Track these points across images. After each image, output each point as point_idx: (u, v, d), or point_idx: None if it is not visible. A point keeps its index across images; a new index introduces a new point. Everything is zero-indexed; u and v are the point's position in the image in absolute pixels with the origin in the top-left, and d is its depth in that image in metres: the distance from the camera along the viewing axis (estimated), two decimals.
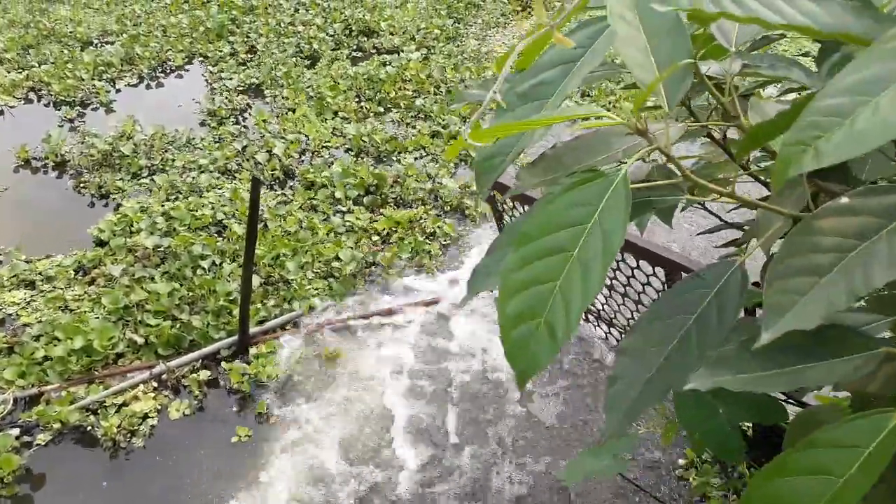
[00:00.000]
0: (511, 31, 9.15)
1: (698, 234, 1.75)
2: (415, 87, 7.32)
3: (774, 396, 2.12)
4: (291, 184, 5.73)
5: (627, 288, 3.51)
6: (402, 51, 8.31)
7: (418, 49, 8.37)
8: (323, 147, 6.20)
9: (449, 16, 9.45)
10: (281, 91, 7.26)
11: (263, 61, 7.94)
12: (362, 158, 6.08)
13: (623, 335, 3.89)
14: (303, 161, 6.01)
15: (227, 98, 7.08)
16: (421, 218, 5.20)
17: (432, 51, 8.45)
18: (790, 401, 2.22)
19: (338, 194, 5.39)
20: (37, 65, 7.86)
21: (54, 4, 9.89)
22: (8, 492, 3.30)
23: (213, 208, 5.11)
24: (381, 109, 6.99)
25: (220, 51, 8.26)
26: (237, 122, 6.70)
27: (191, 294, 4.31)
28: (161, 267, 4.55)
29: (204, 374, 3.91)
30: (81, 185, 5.66)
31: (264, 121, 6.48)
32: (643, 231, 1.81)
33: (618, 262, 3.40)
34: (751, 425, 2.44)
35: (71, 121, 6.81)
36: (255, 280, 4.44)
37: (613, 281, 3.58)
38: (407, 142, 6.26)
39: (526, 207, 3.89)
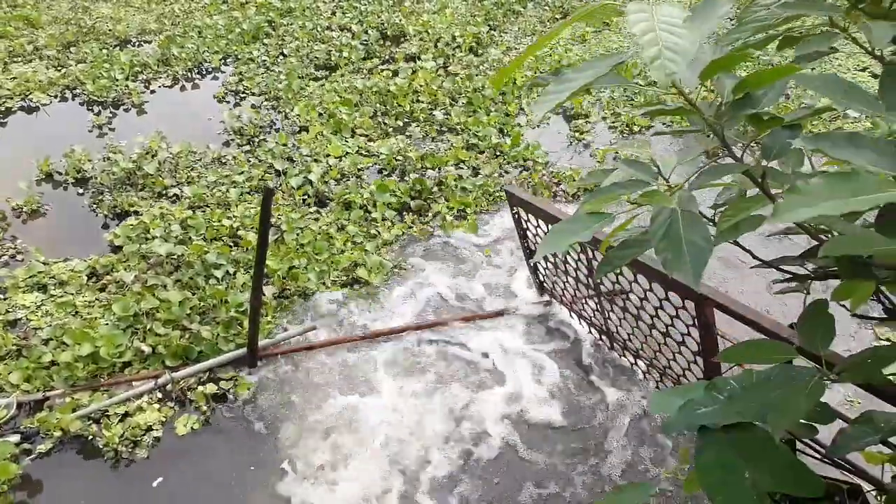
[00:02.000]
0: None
1: (751, 267, 1.62)
2: (429, 98, 7.09)
3: (808, 466, 1.92)
4: (328, 204, 5.45)
5: (655, 319, 3.32)
6: (420, 58, 8.12)
7: (435, 59, 8.16)
8: (358, 169, 5.85)
9: (485, 22, 9.28)
10: (291, 108, 6.94)
11: (273, 72, 7.80)
12: (397, 176, 5.84)
13: (649, 367, 3.68)
14: (338, 182, 5.67)
15: (250, 116, 6.73)
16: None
17: (450, 60, 8.24)
18: (827, 461, 2.01)
19: (374, 214, 5.22)
20: (74, 63, 7.94)
21: (97, 2, 10.01)
22: (3, 500, 3.22)
23: (230, 218, 5.02)
24: (400, 124, 6.74)
25: (251, 55, 8.22)
26: (260, 143, 6.34)
27: (202, 304, 4.22)
28: (174, 275, 4.46)
29: (211, 388, 3.80)
30: (97, 203, 5.42)
31: (284, 145, 6.14)
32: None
33: (645, 291, 3.20)
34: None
35: (100, 127, 6.73)
36: (269, 291, 4.34)
37: (641, 311, 3.38)
38: (444, 156, 6.01)
39: (539, 220, 3.75)
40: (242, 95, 7.36)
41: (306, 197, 5.43)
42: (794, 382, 1.50)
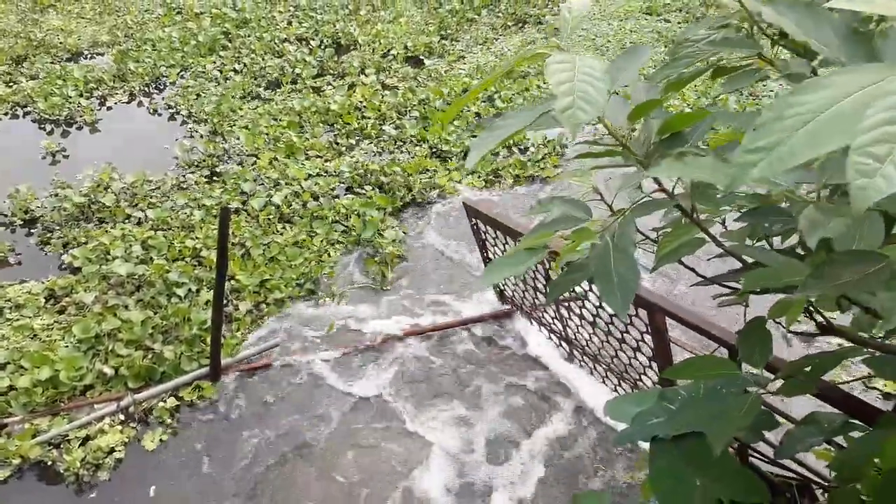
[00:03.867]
0: (497, 47, 9.01)
1: (691, 286, 1.70)
2: (375, 114, 6.98)
3: (757, 475, 2.02)
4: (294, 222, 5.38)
5: (611, 326, 3.43)
6: (365, 73, 8.06)
7: (377, 73, 8.09)
8: (331, 189, 5.74)
9: (438, 31, 9.36)
10: (237, 137, 6.62)
11: (223, 87, 7.61)
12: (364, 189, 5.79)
13: (607, 372, 3.80)
14: (304, 205, 5.52)
15: (202, 148, 6.39)
16: None
17: (387, 73, 8.17)
18: (779, 465, 2.13)
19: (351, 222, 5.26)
20: (25, 79, 7.79)
21: (47, 14, 9.84)
22: None
23: (194, 239, 4.98)
24: (353, 142, 6.58)
25: (203, 69, 8.13)
26: (217, 172, 6.09)
27: (164, 322, 4.20)
28: (135, 295, 4.44)
29: (172, 402, 3.80)
30: (46, 242, 5.11)
31: (240, 176, 5.83)
32: None
33: (600, 298, 3.31)
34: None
35: (53, 154, 6.47)
36: (243, 307, 4.37)
37: (597, 318, 3.49)
38: (407, 165, 6.00)
39: (508, 238, 3.82)
40: (185, 120, 7.17)
41: (269, 217, 5.37)
42: (735, 397, 1.60)
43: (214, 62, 8.26)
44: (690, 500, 1.67)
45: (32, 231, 5.28)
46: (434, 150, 6.39)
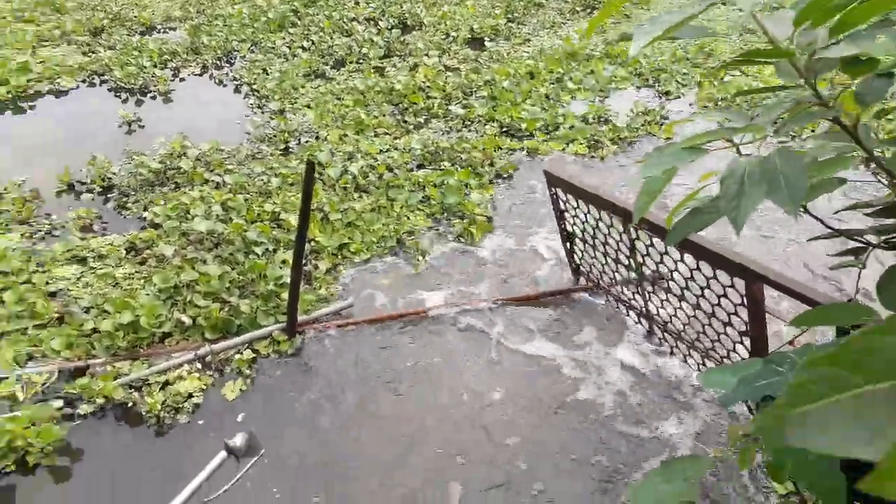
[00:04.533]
0: (563, 32, 8.91)
1: (809, 240, 1.62)
2: (441, 95, 6.97)
3: None
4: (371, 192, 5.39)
5: (700, 300, 3.34)
6: (428, 54, 8.07)
7: (440, 55, 8.07)
8: (405, 163, 5.74)
9: (505, 14, 9.31)
10: (301, 111, 6.71)
11: (291, 64, 7.70)
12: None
13: (690, 349, 3.69)
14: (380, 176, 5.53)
15: (272, 124, 6.47)
16: None
17: (448, 55, 8.16)
18: None
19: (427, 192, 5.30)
20: (103, 49, 8.00)
21: None
22: (48, 462, 3.26)
23: (272, 204, 5.04)
24: (420, 121, 6.59)
25: (273, 44, 8.23)
26: (288, 148, 6.16)
27: (241, 278, 4.26)
28: (213, 251, 4.51)
29: (248, 354, 3.86)
30: (122, 207, 5.26)
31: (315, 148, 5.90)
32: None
33: (691, 270, 3.23)
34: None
35: (129, 123, 6.62)
36: (323, 266, 4.43)
37: (685, 291, 3.40)
38: (483, 141, 6.00)
39: (579, 201, 3.76)
40: (248, 94, 7.28)
41: (346, 186, 5.39)
42: None
43: (283, 38, 8.37)
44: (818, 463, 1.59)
45: (110, 196, 5.41)
46: (505, 128, 6.36)
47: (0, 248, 4.43)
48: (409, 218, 4.98)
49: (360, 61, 7.93)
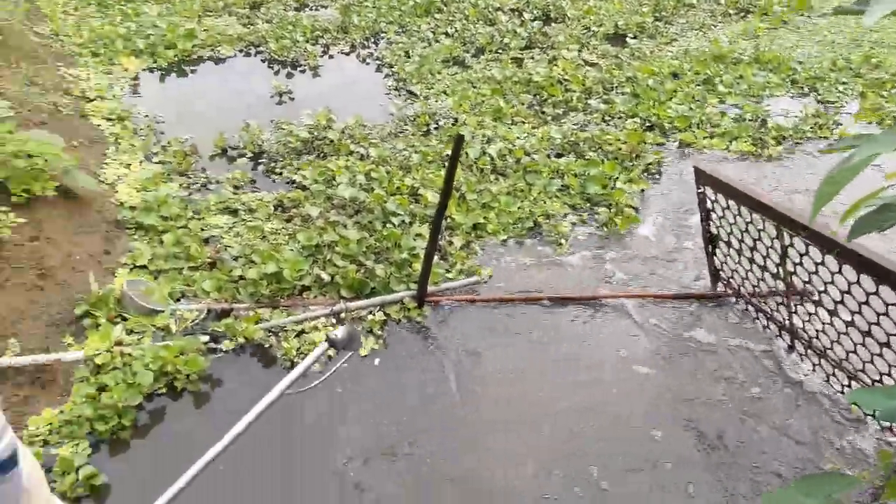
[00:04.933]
0: (713, 35, 8.55)
1: None
2: (581, 88, 6.89)
3: None
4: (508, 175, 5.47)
5: (856, 316, 3.14)
6: (568, 47, 7.96)
7: (580, 50, 7.98)
8: (545, 148, 5.79)
9: (653, 12, 9.08)
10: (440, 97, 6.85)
11: (432, 49, 7.83)
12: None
13: (835, 369, 3.47)
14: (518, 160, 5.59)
15: (414, 106, 6.63)
16: None
17: (587, 49, 8.05)
18: None
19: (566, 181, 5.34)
20: (261, 21, 8.49)
21: None
22: (193, 387, 3.53)
23: (412, 179, 5.20)
24: (559, 112, 6.56)
25: (418, 28, 8.42)
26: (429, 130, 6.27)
27: (378, 245, 4.44)
28: (354, 218, 4.70)
29: (380, 316, 4.04)
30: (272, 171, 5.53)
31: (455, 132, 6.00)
32: None
33: (850, 284, 3.05)
34: None
35: (280, 95, 6.89)
36: (457, 242, 4.58)
37: (838, 305, 3.21)
38: (627, 134, 5.96)
39: (729, 201, 3.62)
40: (388, 74, 7.46)
41: (484, 168, 5.47)
42: None
43: (429, 23, 8.56)
44: None
45: (260, 161, 5.70)
46: (650, 124, 6.30)
47: (162, 195, 4.79)
48: (545, 203, 5.02)
49: (500, 51, 7.98)
